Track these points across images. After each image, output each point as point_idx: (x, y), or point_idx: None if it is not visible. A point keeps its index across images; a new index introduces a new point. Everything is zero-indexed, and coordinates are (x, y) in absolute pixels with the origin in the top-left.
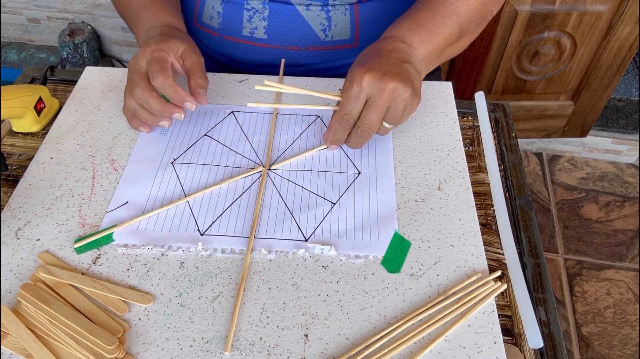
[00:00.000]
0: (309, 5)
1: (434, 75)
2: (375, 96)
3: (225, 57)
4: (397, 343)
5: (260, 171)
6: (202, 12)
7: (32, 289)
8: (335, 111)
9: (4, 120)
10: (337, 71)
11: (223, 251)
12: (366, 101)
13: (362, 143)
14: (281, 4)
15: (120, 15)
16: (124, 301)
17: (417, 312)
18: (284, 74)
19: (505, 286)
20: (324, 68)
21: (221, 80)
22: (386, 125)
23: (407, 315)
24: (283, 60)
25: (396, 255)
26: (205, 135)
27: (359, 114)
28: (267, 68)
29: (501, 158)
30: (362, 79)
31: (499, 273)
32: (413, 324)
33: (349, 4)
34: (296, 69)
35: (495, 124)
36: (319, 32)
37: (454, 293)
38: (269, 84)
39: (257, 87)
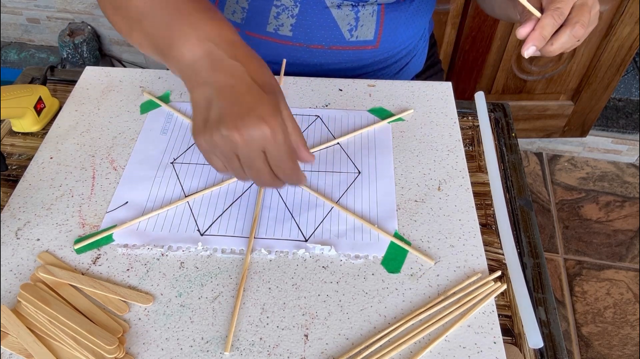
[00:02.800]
0: (340, 4)
1: (434, 75)
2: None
3: None
4: (397, 343)
5: None
6: (224, 5)
7: (32, 289)
8: (544, 14)
9: (4, 120)
10: (355, 72)
11: (223, 251)
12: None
13: (570, 45)
14: (314, 2)
15: (142, 35)
16: (124, 301)
17: (417, 312)
18: (285, 74)
19: (505, 286)
20: (344, 68)
21: None
22: None
23: (407, 315)
24: (284, 61)
25: (396, 255)
26: None
27: (569, 11)
28: (287, 68)
29: (501, 158)
30: None
31: (498, 273)
32: (413, 324)
33: (377, 4)
34: (315, 68)
35: (495, 124)
36: (345, 31)
37: (454, 293)
38: None
39: None
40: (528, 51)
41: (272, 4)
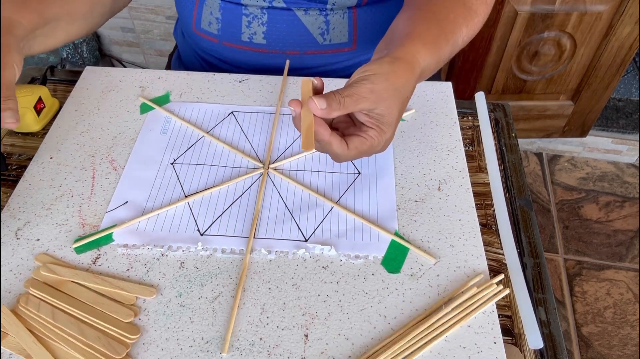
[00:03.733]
0: (307, 9)
1: (434, 75)
2: (378, 148)
3: (225, 62)
4: (399, 352)
5: (261, 171)
6: (201, 18)
7: (37, 284)
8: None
9: None
10: (335, 74)
11: (223, 251)
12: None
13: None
14: (280, 9)
15: None
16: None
17: (420, 318)
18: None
19: (507, 291)
20: (323, 71)
21: (221, 81)
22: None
23: (409, 324)
24: (288, 62)
25: (396, 255)
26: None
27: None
28: (268, 73)
29: (501, 158)
30: (389, 138)
31: (501, 276)
32: (416, 334)
33: (348, 8)
34: (295, 73)
35: (495, 124)
36: (317, 36)
37: (456, 298)
38: None
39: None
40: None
41: (242, 13)
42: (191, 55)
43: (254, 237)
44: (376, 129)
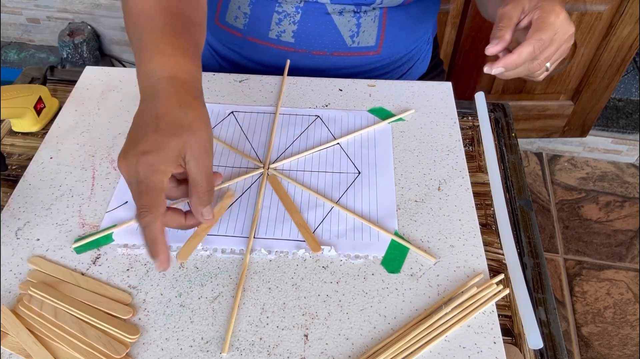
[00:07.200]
0: (342, 11)
1: (437, 76)
2: (560, 34)
3: (246, 59)
4: (399, 351)
5: (261, 171)
6: (227, 11)
7: (36, 286)
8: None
9: (4, 120)
10: (357, 76)
11: (223, 252)
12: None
13: (523, 75)
14: (315, 8)
15: (129, 40)
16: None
17: (420, 318)
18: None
19: (507, 291)
20: (346, 74)
21: (221, 80)
22: (548, 65)
23: (410, 323)
24: (288, 61)
25: (396, 255)
26: None
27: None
28: (290, 73)
29: (501, 158)
30: (560, 14)
31: (501, 276)
32: (417, 333)
33: (380, 9)
34: (317, 73)
35: (495, 124)
36: (347, 37)
37: (456, 298)
38: None
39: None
40: (495, 70)
41: (274, 10)
42: (205, 49)
43: (254, 237)
44: (539, 9)
